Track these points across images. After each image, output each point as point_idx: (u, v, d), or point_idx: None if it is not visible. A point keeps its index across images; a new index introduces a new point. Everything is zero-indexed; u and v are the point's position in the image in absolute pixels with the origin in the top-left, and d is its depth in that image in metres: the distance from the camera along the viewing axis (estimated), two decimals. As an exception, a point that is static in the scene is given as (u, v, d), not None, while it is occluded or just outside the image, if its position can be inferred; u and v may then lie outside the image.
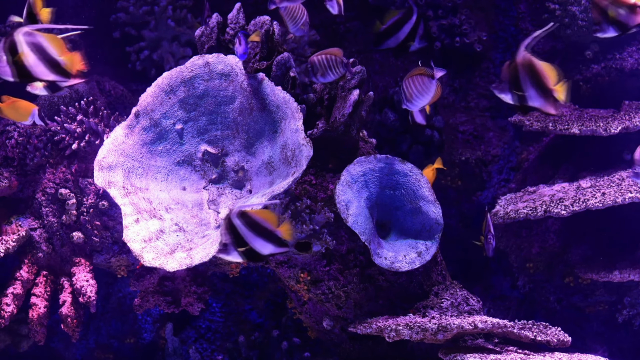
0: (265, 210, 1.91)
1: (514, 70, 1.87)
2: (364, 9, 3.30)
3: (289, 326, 2.91)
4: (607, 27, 1.95)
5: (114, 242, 2.76)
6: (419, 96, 2.19)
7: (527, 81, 1.86)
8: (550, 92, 1.86)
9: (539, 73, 1.86)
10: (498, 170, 3.22)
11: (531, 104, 1.88)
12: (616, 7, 1.92)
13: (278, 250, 1.91)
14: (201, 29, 2.61)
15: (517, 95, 1.87)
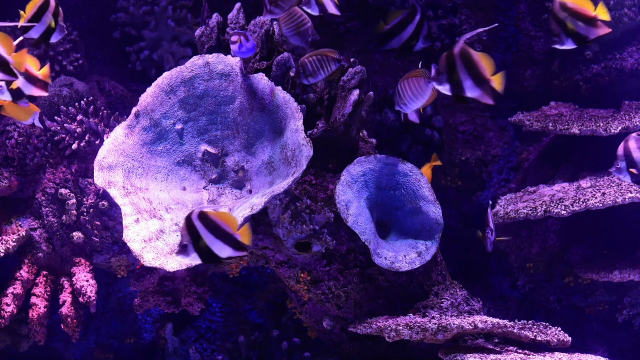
0: (225, 213, 1.91)
1: (451, 61, 1.87)
2: (364, 9, 3.30)
3: (289, 326, 2.91)
4: (566, 39, 1.95)
5: (114, 242, 2.76)
6: (413, 98, 2.19)
7: (464, 71, 1.87)
8: (487, 82, 1.87)
9: (475, 63, 1.86)
10: (498, 170, 3.22)
11: (469, 95, 1.88)
12: (575, 19, 1.93)
13: (236, 254, 1.92)
14: (201, 29, 2.61)
15: (455, 85, 1.87)
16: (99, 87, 3.11)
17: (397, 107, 2.23)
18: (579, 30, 1.93)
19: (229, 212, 1.97)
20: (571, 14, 1.93)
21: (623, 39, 3.05)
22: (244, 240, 1.90)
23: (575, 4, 1.91)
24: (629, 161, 2.09)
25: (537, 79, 3.21)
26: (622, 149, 2.10)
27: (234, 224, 1.90)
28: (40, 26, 2.09)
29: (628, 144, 2.09)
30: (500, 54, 3.27)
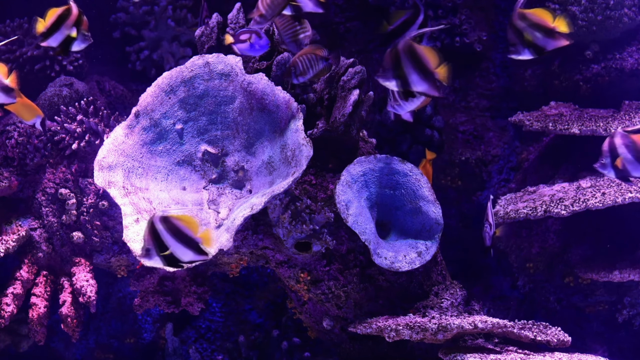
0: (188, 216, 1.92)
1: (395, 56, 1.87)
2: (364, 9, 3.30)
3: (289, 326, 2.92)
4: (523, 49, 1.96)
5: (114, 242, 2.76)
6: (408, 100, 2.19)
7: (409, 66, 1.87)
8: (432, 74, 1.87)
9: (420, 57, 1.86)
10: (498, 170, 3.22)
11: (415, 89, 1.89)
12: (533, 30, 1.94)
13: (197, 258, 1.93)
14: (201, 28, 2.61)
15: (401, 80, 1.87)
16: (99, 87, 3.11)
17: (391, 107, 2.22)
18: (537, 41, 1.94)
19: (190, 215, 1.97)
20: (530, 24, 1.94)
21: (623, 39, 3.05)
22: (205, 245, 1.91)
23: (534, 15, 1.92)
24: (614, 157, 2.09)
25: (537, 79, 3.21)
26: (607, 144, 2.10)
27: (196, 227, 1.91)
28: (58, 35, 2.09)
29: (613, 140, 2.09)
30: (500, 54, 3.27)
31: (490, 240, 2.40)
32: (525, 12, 1.94)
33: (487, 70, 3.27)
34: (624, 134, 2.08)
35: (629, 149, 2.06)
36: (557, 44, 1.94)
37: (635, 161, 2.07)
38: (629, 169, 2.07)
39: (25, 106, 2.47)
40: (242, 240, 2.45)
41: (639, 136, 2.08)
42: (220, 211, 2.44)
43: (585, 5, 2.98)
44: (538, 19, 1.92)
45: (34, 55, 3.07)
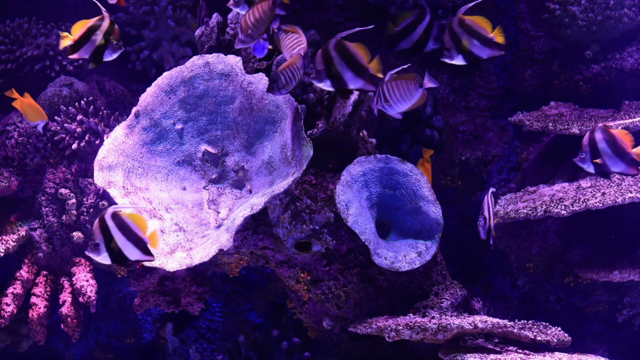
0: (138, 215, 1.93)
1: (327, 56, 1.87)
2: (364, 9, 3.30)
3: (289, 326, 2.91)
4: (457, 54, 1.97)
5: (114, 242, 2.76)
6: (400, 101, 2.18)
7: (342, 64, 1.87)
8: (366, 70, 1.87)
9: (352, 54, 1.87)
10: (498, 170, 3.22)
11: (351, 87, 1.89)
12: (471, 37, 1.95)
13: (143, 258, 1.93)
14: (201, 28, 2.61)
15: (335, 79, 1.87)
16: (99, 87, 3.11)
17: (379, 106, 2.21)
18: (473, 49, 1.95)
19: (139, 214, 1.97)
20: (468, 30, 1.95)
21: (623, 39, 3.05)
22: (152, 246, 1.92)
23: (474, 22, 1.93)
24: (594, 151, 2.09)
25: (537, 79, 3.21)
26: (588, 139, 2.10)
27: (144, 227, 1.92)
28: (89, 46, 2.10)
29: (594, 135, 2.09)
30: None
31: (485, 234, 2.35)
32: (466, 18, 1.96)
33: (487, 70, 3.27)
34: (604, 129, 2.08)
35: (609, 144, 2.07)
36: (492, 53, 1.97)
37: (615, 156, 2.07)
38: (608, 164, 2.08)
39: (32, 108, 2.49)
40: (242, 240, 2.45)
41: (619, 131, 2.08)
42: (220, 211, 2.44)
43: (585, 5, 2.98)
44: (477, 27, 1.95)
45: (34, 55, 3.07)
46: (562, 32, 3.06)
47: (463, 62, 1.99)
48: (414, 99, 2.17)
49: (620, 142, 2.07)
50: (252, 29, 1.97)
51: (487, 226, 2.33)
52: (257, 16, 1.97)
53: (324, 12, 3.33)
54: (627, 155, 2.06)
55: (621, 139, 2.07)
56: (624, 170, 2.09)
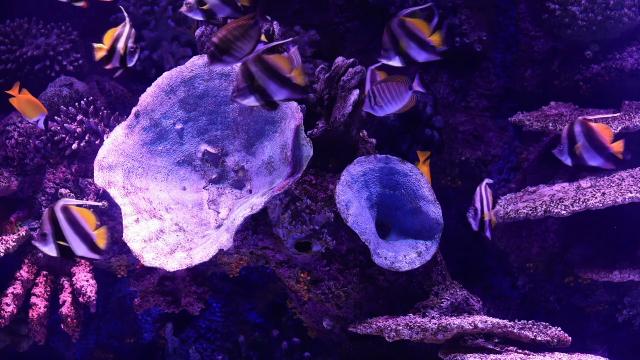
0: (87, 211, 1.93)
1: (247, 71, 1.89)
2: (364, 9, 3.30)
3: (289, 326, 2.91)
4: (394, 55, 1.98)
5: (114, 242, 2.76)
6: (390, 103, 2.19)
7: (265, 78, 1.89)
8: (289, 80, 1.88)
9: (272, 66, 1.88)
10: (498, 170, 3.22)
11: (277, 98, 1.92)
12: (409, 39, 1.96)
13: (90, 255, 1.94)
14: (201, 28, 2.61)
15: (260, 93, 1.89)
16: (99, 87, 3.11)
17: (369, 108, 2.22)
18: (410, 51, 1.96)
19: (89, 211, 1.98)
20: (407, 33, 1.96)
21: (623, 39, 3.05)
22: (99, 243, 1.92)
23: (414, 25, 1.95)
24: (572, 144, 2.09)
25: (537, 79, 3.21)
26: (567, 131, 2.10)
27: (93, 223, 1.92)
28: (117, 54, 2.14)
29: (573, 128, 2.09)
30: (500, 54, 3.27)
31: (477, 225, 2.31)
32: (406, 20, 1.96)
33: (487, 70, 3.27)
34: (583, 123, 2.08)
35: (587, 137, 2.07)
36: (428, 57, 1.98)
37: (592, 150, 2.07)
38: (585, 157, 2.08)
39: (30, 103, 2.49)
40: (242, 240, 2.45)
41: (599, 125, 2.08)
42: (220, 211, 2.44)
43: (585, 5, 2.98)
44: (417, 30, 1.96)
45: (34, 55, 3.07)
46: (562, 32, 3.06)
47: (400, 64, 2.00)
48: (404, 101, 2.18)
49: (599, 136, 2.08)
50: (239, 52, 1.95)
51: (478, 217, 2.29)
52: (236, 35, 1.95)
53: (324, 12, 3.33)
54: (605, 150, 2.07)
55: (600, 133, 2.07)
56: (601, 164, 2.09)
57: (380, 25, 3.30)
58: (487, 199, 2.29)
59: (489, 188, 2.32)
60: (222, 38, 1.91)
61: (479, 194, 2.30)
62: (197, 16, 2.18)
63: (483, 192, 2.30)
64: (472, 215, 2.29)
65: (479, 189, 2.30)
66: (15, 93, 2.51)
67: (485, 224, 2.27)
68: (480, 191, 2.30)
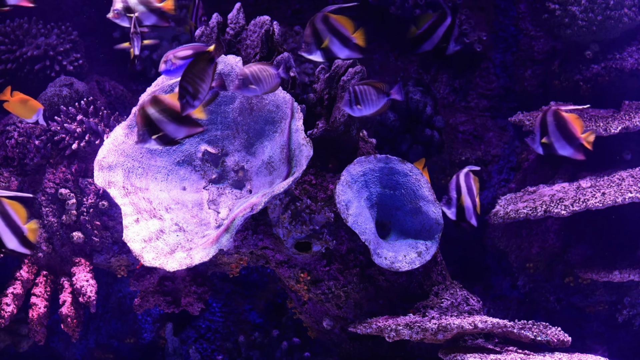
0: (17, 204, 1.93)
1: (145, 116, 1.94)
2: (364, 9, 3.29)
3: (289, 326, 2.91)
4: (316, 50, 2.00)
5: (114, 242, 2.76)
6: (369, 105, 2.20)
7: (162, 119, 1.95)
8: (187, 118, 1.97)
9: (170, 106, 1.94)
10: (498, 170, 3.23)
11: (177, 138, 1.99)
12: (333, 35, 1.98)
13: (21, 249, 1.94)
14: (201, 28, 2.60)
15: (160, 138, 1.96)
16: (99, 87, 3.11)
17: (348, 107, 2.22)
18: (332, 47, 1.98)
19: (20, 204, 1.97)
20: (331, 29, 1.97)
21: (623, 39, 3.05)
22: (30, 237, 1.92)
23: (338, 22, 1.96)
24: (544, 134, 2.10)
25: (537, 79, 3.21)
26: (539, 120, 2.11)
27: (24, 217, 1.91)
28: None
29: (546, 117, 2.10)
30: (500, 54, 3.27)
31: (455, 215, 2.24)
32: (330, 16, 1.98)
33: (487, 70, 3.27)
34: (556, 112, 2.08)
35: (559, 127, 2.08)
36: (350, 54, 2.00)
37: (563, 139, 2.08)
38: (556, 147, 2.09)
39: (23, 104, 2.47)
40: (242, 240, 2.45)
41: (570, 116, 2.08)
42: (220, 211, 2.44)
43: (585, 5, 2.98)
44: (340, 26, 1.97)
45: (34, 55, 3.07)
46: (562, 32, 3.06)
47: (321, 59, 2.01)
48: (379, 106, 2.20)
49: (570, 126, 2.08)
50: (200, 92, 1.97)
51: (453, 205, 2.23)
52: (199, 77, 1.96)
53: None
54: (575, 140, 2.07)
55: (572, 123, 2.08)
56: (571, 154, 2.10)
57: (381, 25, 3.30)
58: (466, 187, 2.22)
59: (473, 175, 2.25)
60: (192, 83, 1.94)
61: (454, 182, 2.23)
62: (124, 23, 2.21)
63: (461, 181, 2.23)
64: (444, 203, 2.23)
65: (455, 177, 2.24)
66: (7, 97, 2.49)
67: (465, 211, 2.21)
68: (457, 179, 2.23)
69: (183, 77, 1.92)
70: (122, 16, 2.20)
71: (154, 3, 2.22)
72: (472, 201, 2.21)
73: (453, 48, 2.30)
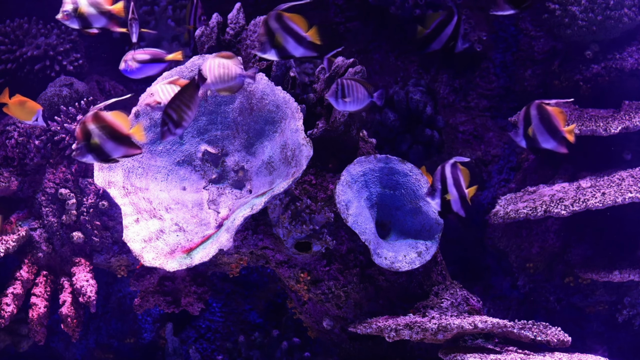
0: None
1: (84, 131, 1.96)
2: (364, 9, 3.30)
3: (289, 326, 2.91)
4: (270, 49, 2.01)
5: (114, 242, 2.76)
6: (354, 102, 2.21)
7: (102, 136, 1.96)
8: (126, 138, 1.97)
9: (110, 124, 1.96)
10: (498, 170, 3.22)
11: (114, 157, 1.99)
12: (286, 34, 1.99)
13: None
14: (201, 28, 2.60)
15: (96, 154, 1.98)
16: (99, 87, 3.11)
17: (333, 98, 2.22)
18: (287, 45, 1.99)
19: None
20: (283, 27, 1.99)
21: (623, 39, 3.04)
22: None
23: (290, 20, 1.98)
24: (527, 127, 2.10)
25: (537, 79, 3.21)
26: (523, 113, 2.11)
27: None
28: None
29: (529, 110, 2.10)
30: (500, 54, 3.27)
31: (439, 205, 2.18)
32: (283, 14, 1.99)
33: (487, 70, 3.27)
34: (539, 106, 2.08)
35: (542, 120, 2.08)
36: (305, 52, 2.01)
37: (547, 133, 2.08)
38: (539, 141, 2.09)
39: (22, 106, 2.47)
40: (242, 240, 2.45)
41: (554, 109, 2.09)
42: (220, 211, 2.44)
43: (585, 5, 2.97)
44: (293, 24, 1.99)
45: (34, 55, 3.07)
46: (562, 32, 3.06)
47: (276, 57, 2.03)
48: (363, 105, 2.22)
49: (554, 120, 2.09)
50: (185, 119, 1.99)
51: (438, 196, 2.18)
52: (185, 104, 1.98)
53: (324, 12, 3.33)
54: (558, 133, 2.08)
55: (555, 116, 2.08)
56: (554, 147, 2.10)
57: (381, 25, 3.30)
58: (452, 177, 2.16)
59: (461, 165, 2.19)
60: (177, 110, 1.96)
61: (439, 172, 2.18)
62: (74, 25, 2.21)
63: (447, 171, 2.17)
64: (428, 194, 2.19)
65: (440, 168, 2.19)
66: (6, 100, 2.48)
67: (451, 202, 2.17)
68: (442, 170, 2.18)
69: (169, 104, 1.95)
70: (72, 18, 2.20)
71: (105, 5, 2.21)
72: (458, 192, 2.17)
73: (462, 46, 2.30)
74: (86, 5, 2.19)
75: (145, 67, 2.32)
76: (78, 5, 2.20)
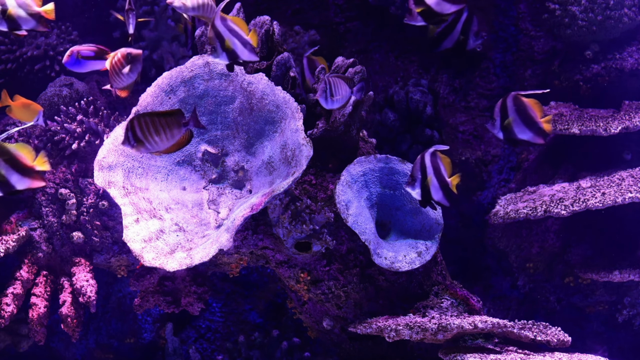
0: None
1: None
2: (364, 9, 3.30)
3: (289, 326, 2.91)
4: (222, 52, 2.05)
5: (114, 242, 2.76)
6: (340, 100, 2.22)
7: (6, 168, 1.98)
8: (30, 170, 2.01)
9: (14, 156, 1.99)
10: (498, 170, 3.23)
11: (18, 188, 2.02)
12: (235, 37, 2.04)
13: None
14: (201, 28, 2.60)
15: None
16: (99, 87, 3.11)
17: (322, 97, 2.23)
18: (235, 48, 2.03)
19: None
20: (232, 32, 2.04)
21: (623, 39, 3.05)
22: None
23: (233, 23, 2.02)
24: (504, 119, 2.10)
25: (537, 79, 3.21)
26: (499, 105, 2.11)
27: None
28: None
29: (505, 101, 2.10)
30: (500, 54, 3.27)
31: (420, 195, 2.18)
32: (226, 17, 2.03)
33: (487, 70, 3.27)
34: (516, 97, 2.09)
35: (519, 112, 2.08)
36: (250, 56, 2.04)
37: (523, 124, 2.08)
38: (516, 132, 2.10)
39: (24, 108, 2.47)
40: (242, 240, 2.45)
41: (530, 100, 2.09)
42: (220, 211, 2.44)
43: (585, 5, 2.98)
44: (236, 27, 2.03)
45: (34, 55, 3.07)
46: (562, 32, 3.06)
47: (227, 60, 2.06)
48: (345, 100, 2.22)
49: (530, 111, 2.09)
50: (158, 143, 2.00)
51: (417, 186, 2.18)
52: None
53: (324, 12, 3.33)
54: (535, 125, 2.08)
55: (531, 107, 2.09)
56: (531, 138, 2.11)
57: (381, 25, 3.30)
58: (432, 166, 2.15)
59: (441, 154, 2.18)
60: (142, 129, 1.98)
61: (419, 162, 2.16)
62: (2, 27, 2.20)
63: (426, 160, 2.16)
64: (407, 184, 2.18)
65: (419, 157, 2.17)
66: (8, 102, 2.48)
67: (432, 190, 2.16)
68: (422, 159, 2.16)
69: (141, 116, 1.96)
70: (0, 21, 2.19)
71: (34, 7, 2.19)
72: (439, 180, 2.16)
73: (474, 43, 2.31)
74: (14, 7, 2.17)
75: (89, 63, 2.34)
76: (6, 7, 2.17)
